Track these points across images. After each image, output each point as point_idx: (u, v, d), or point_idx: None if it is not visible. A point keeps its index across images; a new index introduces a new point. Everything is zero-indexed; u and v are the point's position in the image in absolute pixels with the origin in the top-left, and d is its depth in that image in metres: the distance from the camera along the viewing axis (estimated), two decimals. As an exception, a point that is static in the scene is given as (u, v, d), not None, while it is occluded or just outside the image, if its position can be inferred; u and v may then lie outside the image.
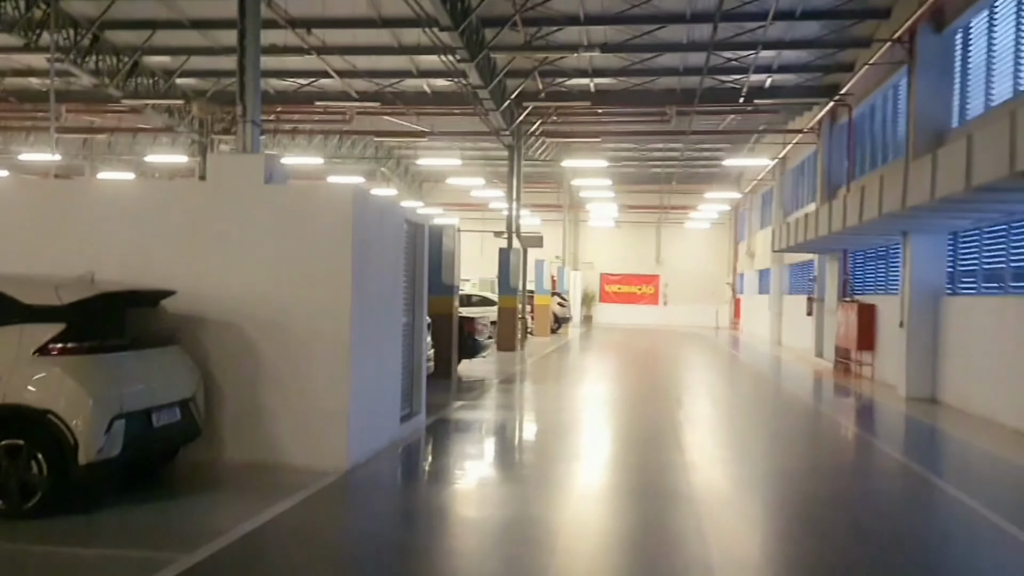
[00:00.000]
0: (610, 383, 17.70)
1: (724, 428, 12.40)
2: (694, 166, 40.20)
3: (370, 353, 9.09)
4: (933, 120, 15.95)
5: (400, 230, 10.20)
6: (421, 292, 11.16)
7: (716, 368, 22.25)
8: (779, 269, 32.43)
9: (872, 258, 20.66)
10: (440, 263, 16.40)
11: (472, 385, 15.98)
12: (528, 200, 42.92)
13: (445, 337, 16.27)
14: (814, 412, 14.60)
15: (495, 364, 20.46)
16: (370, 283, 9.06)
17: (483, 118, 24.35)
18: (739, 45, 20.69)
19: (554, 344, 28.79)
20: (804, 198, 29.29)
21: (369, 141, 34.58)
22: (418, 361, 11.11)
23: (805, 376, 20.52)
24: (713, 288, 48.29)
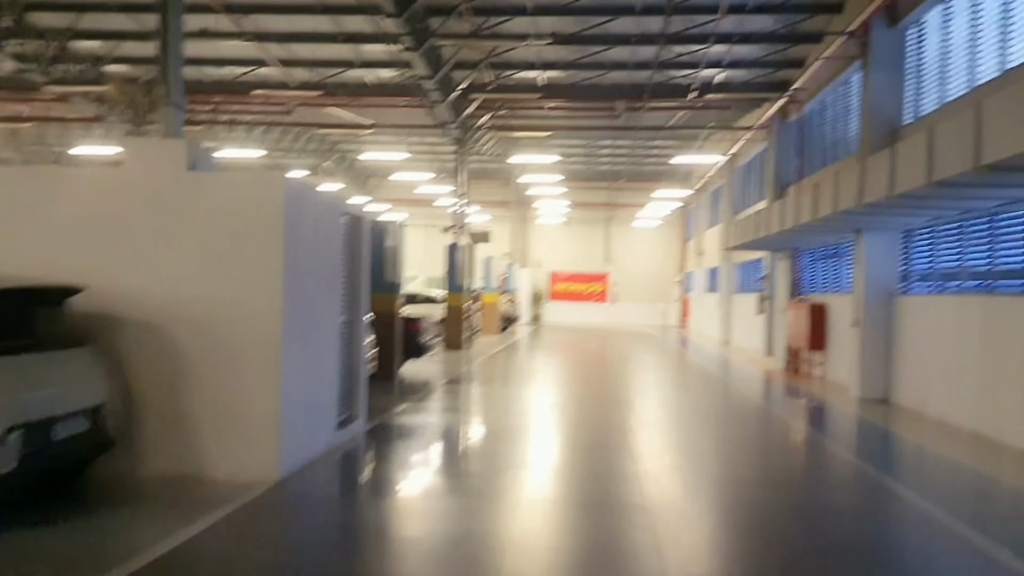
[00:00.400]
0: (559, 385, 17.21)
1: (677, 433, 11.96)
2: (643, 164, 39.99)
3: (304, 354, 8.45)
4: (887, 116, 15.73)
5: (338, 223, 9.55)
6: (361, 289, 10.52)
7: (666, 369, 21.91)
8: (728, 268, 32.31)
9: (823, 257, 20.48)
10: (383, 260, 15.75)
11: (416, 387, 15.36)
12: (476, 197, 42.37)
13: (388, 337, 15.62)
14: (768, 415, 14.26)
15: (441, 365, 19.85)
16: (304, 279, 8.41)
17: (429, 111, 23.72)
18: (689, 39, 20.37)
19: (502, 344, 28.26)
20: (754, 196, 29.16)
21: (312, 134, 33.67)
22: (357, 363, 10.47)
23: (756, 377, 20.26)
24: (662, 287, 48.24)
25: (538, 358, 23.39)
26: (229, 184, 8.08)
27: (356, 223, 10.44)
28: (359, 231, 10.50)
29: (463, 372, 18.55)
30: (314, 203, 8.71)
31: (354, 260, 10.43)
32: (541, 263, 48.52)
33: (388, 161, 37.74)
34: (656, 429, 12.04)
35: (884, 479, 8.99)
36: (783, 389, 17.81)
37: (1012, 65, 11.23)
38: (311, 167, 38.71)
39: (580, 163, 40.84)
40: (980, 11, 13.00)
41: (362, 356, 10.56)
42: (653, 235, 48.34)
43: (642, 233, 48.32)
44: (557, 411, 13.39)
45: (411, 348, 16.70)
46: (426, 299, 28.28)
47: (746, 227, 21.11)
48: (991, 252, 12.05)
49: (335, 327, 9.56)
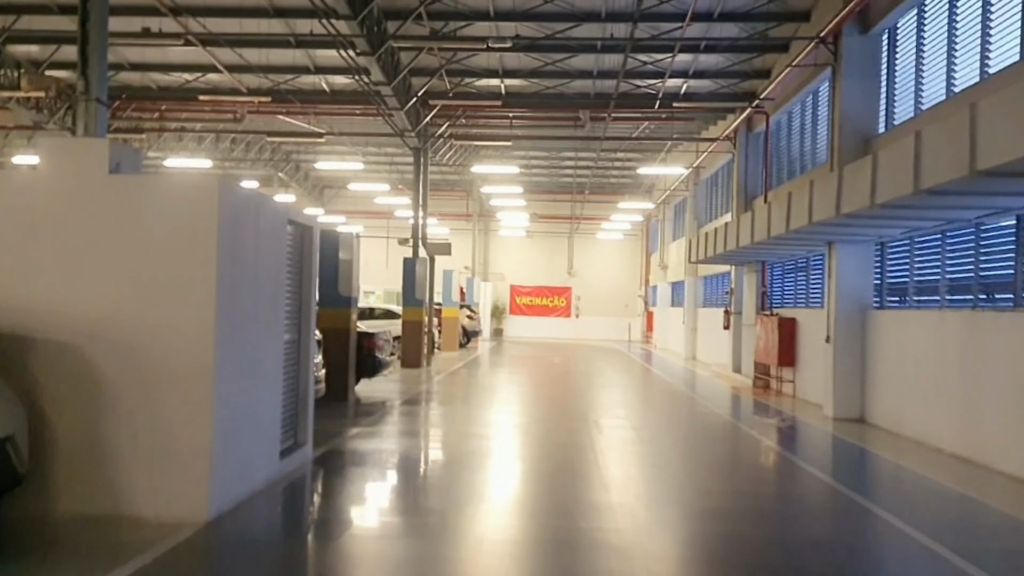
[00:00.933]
0: (523, 404, 16.44)
1: (648, 457, 11.25)
2: (607, 176, 39.51)
3: (241, 377, 7.60)
4: (859, 125, 15.25)
5: (282, 232, 8.72)
6: (309, 305, 9.68)
7: (633, 386, 21.23)
8: (693, 281, 31.82)
9: (791, 270, 19.99)
10: (336, 273, 14.92)
11: (371, 408, 14.50)
12: (436, 208, 41.61)
13: (341, 354, 14.78)
14: (741, 436, 13.61)
15: (399, 383, 19.00)
16: (242, 294, 7.57)
17: (387, 119, 22.93)
18: (655, 48, 19.85)
19: (463, 360, 27.44)
20: (719, 208, 28.72)
21: (264, 143, 32.73)
22: (304, 384, 9.62)
23: (725, 394, 19.66)
24: (626, 301, 47.72)
25: (501, 375, 22.61)
26: (156, 188, 7.23)
27: (304, 233, 9.62)
28: (308, 242, 9.68)
29: (422, 391, 17.72)
30: (255, 210, 7.89)
31: (302, 273, 9.61)
32: (504, 276, 47.78)
33: (344, 171, 36.94)
34: (626, 452, 11.32)
35: (870, 507, 8.34)
36: (754, 407, 17.21)
37: (1003, 66, 10.72)
38: (264, 178, 37.69)
39: (543, 175, 40.27)
40: (957, 15, 12.55)
41: (310, 377, 9.72)
42: (616, 248, 47.86)
43: (605, 246, 47.83)
44: (522, 433, 12.62)
45: (366, 366, 15.85)
46: (386, 313, 27.41)
47: (712, 240, 20.57)
48: (975, 264, 11.53)
49: (278, 347, 8.72)
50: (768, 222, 15.02)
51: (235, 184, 7.50)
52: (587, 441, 11.81)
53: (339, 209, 45.02)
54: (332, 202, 45.92)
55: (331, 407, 14.02)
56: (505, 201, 39.27)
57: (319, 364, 12.77)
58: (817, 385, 17.06)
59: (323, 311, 14.81)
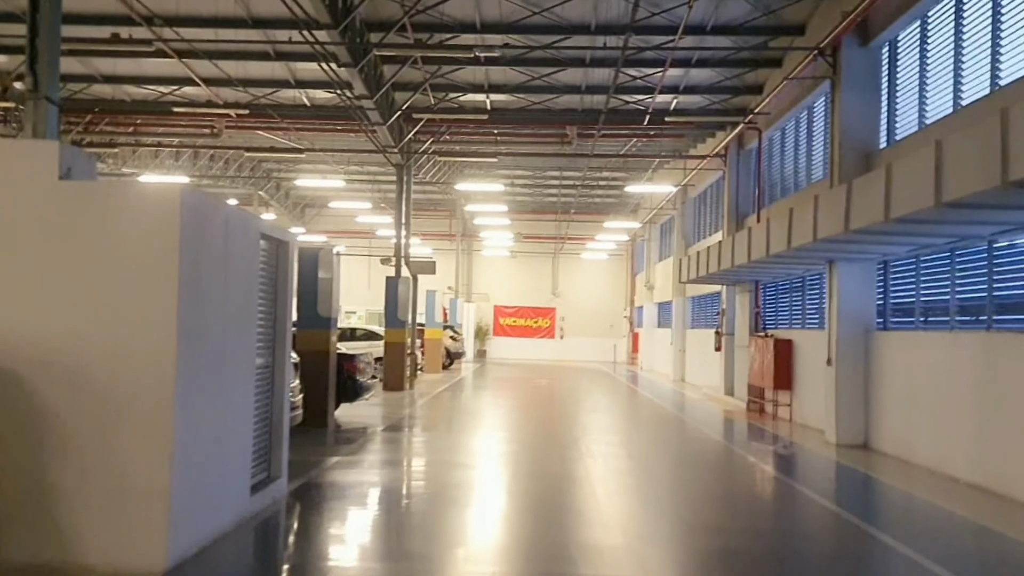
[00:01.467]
0: (511, 430, 15.70)
1: (649, 490, 10.54)
2: (592, 195, 38.97)
3: (206, 406, 6.86)
4: (860, 139, 14.71)
5: (255, 247, 8.00)
6: (284, 326, 8.94)
7: (623, 410, 20.52)
8: (681, 302, 31.23)
9: (786, 290, 19.40)
10: (315, 292, 14.18)
11: (352, 435, 13.72)
12: (419, 228, 40.95)
13: (320, 378, 14.00)
14: (745, 465, 12.93)
15: (381, 407, 18.22)
16: (208, 314, 6.85)
17: (369, 135, 22.26)
18: (646, 62, 19.31)
19: (447, 382, 26.66)
20: (708, 228, 28.18)
21: (244, 161, 31.99)
22: (279, 412, 8.87)
23: (720, 418, 18.99)
24: (611, 322, 47.09)
25: (486, 398, 21.86)
26: (111, 196, 6.50)
27: (279, 248, 8.90)
28: (283, 258, 8.96)
29: (405, 416, 16.95)
30: (223, 222, 7.17)
31: (276, 292, 8.88)
32: (488, 296, 47.04)
33: (325, 189, 36.20)
34: (624, 484, 10.61)
35: (891, 543, 7.67)
36: (751, 432, 16.54)
37: (1017, 77, 10.16)
38: (244, 196, 36.92)
39: (527, 194, 39.71)
40: (964, 26, 12.04)
41: (285, 404, 8.97)
42: (601, 268, 47.29)
43: (590, 266, 47.25)
44: (512, 462, 11.89)
45: (347, 390, 15.08)
46: (368, 334, 26.65)
47: (705, 259, 19.97)
48: (989, 284, 10.94)
49: (249, 372, 7.98)
50: (767, 240, 14.42)
51: (200, 193, 6.79)
52: (581, 471, 11.09)
53: (320, 228, 44.28)
54: (313, 221, 45.16)
55: (309, 434, 13.24)
56: (489, 220, 38.65)
57: (296, 389, 12.02)
58: (816, 409, 16.43)
59: (301, 332, 14.06)
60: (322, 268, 14.16)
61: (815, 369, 16.64)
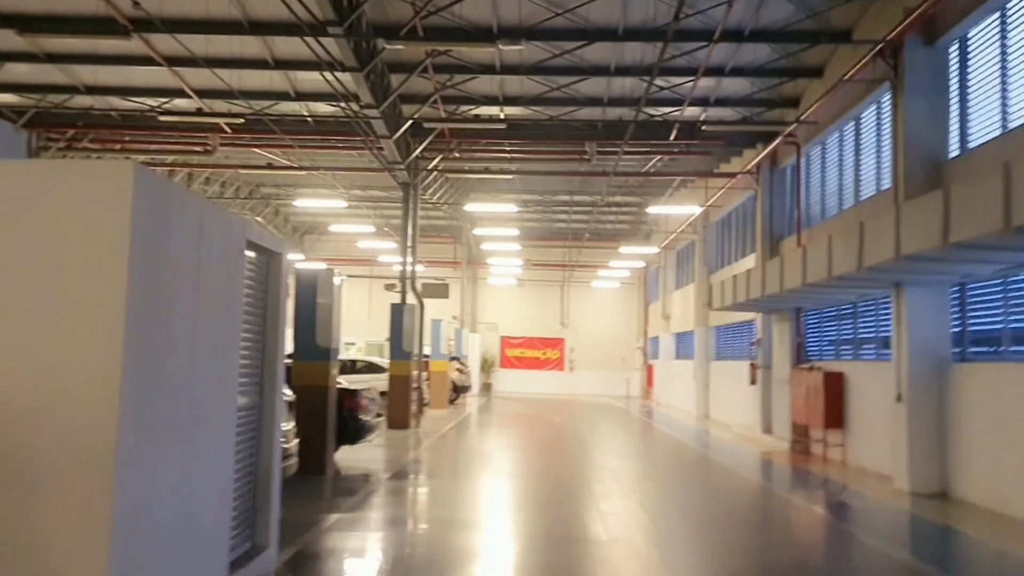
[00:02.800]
0: (527, 479, 13.89)
1: (696, 553, 8.76)
2: (604, 220, 37.38)
3: (164, 460, 5.13)
4: (927, 149, 13.10)
5: (238, 258, 6.30)
6: (275, 357, 7.23)
7: (649, 454, 18.67)
8: (704, 332, 29.48)
9: (832, 317, 17.69)
10: (314, 319, 12.48)
11: (353, 484, 11.94)
12: (423, 255, 39.39)
13: (318, 417, 12.27)
14: (803, 519, 11.14)
15: (384, 449, 16.45)
16: (170, 338, 5.14)
17: (374, 152, 20.67)
18: (675, 70, 17.75)
19: (454, 419, 24.86)
20: (733, 252, 26.52)
21: (241, 183, 30.44)
22: (267, 464, 7.13)
23: (760, 462, 17.18)
24: (623, 354, 45.25)
25: (497, 440, 20.04)
26: (39, 178, 4.82)
27: (270, 262, 7.22)
28: (275, 274, 7.27)
29: (411, 460, 15.15)
30: (195, 221, 5.49)
31: (266, 315, 7.18)
32: (496, 326, 45.21)
33: (325, 212, 34.57)
34: (668, 544, 8.83)
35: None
36: (803, 478, 14.75)
37: None
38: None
39: (535, 220, 38.15)
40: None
41: (275, 455, 7.23)
42: (612, 298, 45.57)
43: (601, 296, 45.52)
44: (536, 518, 10.11)
45: (348, 430, 13.33)
46: (369, 367, 24.89)
47: (740, 285, 18.28)
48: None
49: (228, 414, 6.25)
50: (829, 260, 12.70)
51: (163, 179, 5.11)
52: (613, 531, 9.31)
53: (320, 255, 42.68)
54: (313, 248, 43.59)
55: (305, 484, 11.48)
56: (498, 245, 37.01)
57: (290, 433, 10.28)
58: (875, 451, 14.67)
59: (297, 365, 12.36)
60: (321, 293, 12.47)
61: (873, 405, 14.91)
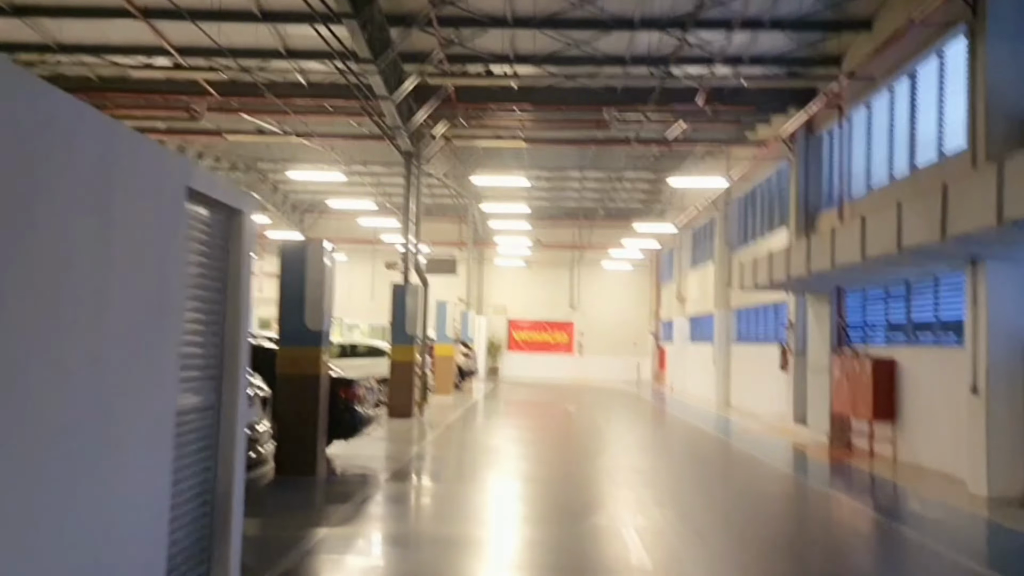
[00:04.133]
0: (548, 481, 12.26)
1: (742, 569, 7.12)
2: (615, 198, 35.63)
3: (51, 487, 3.48)
4: (1012, 103, 11.35)
5: (174, 212, 4.60)
6: (237, 344, 5.54)
7: (679, 448, 17.00)
8: (725, 315, 27.75)
9: (880, 298, 15.98)
10: (302, 300, 10.80)
11: (347, 488, 10.29)
12: (427, 236, 37.72)
13: (308, 410, 10.62)
14: (891, 537, 9.50)
15: (384, 443, 14.83)
16: (51, 313, 3.47)
17: (376, 120, 18.91)
18: (707, 22, 15.98)
19: (460, 406, 23.23)
20: (758, 229, 24.78)
21: (236, 158, 28.73)
22: (227, 480, 5.47)
23: (802, 458, 15.52)
24: (634, 337, 43.56)
25: (506, 431, 18.41)
26: None
27: (229, 221, 5.53)
28: (236, 238, 5.57)
29: (414, 457, 13.50)
30: (93, 150, 3.80)
31: (225, 289, 5.50)
32: (505, 308, 43.47)
33: (324, 185, 32.72)
34: (713, 555, 7.18)
35: None
36: (860, 481, 13.10)
37: None
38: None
39: (545, 199, 36.40)
40: None
41: (237, 465, 5.56)
42: (623, 280, 43.82)
43: (612, 277, 43.76)
44: (555, 544, 8.48)
45: (342, 423, 11.68)
46: (370, 351, 23.27)
47: (777, 263, 16.56)
48: None
49: (163, 420, 4.58)
50: (899, 230, 10.95)
51: (29, 76, 3.43)
52: (652, 538, 7.67)
53: (320, 235, 40.94)
54: (314, 227, 41.89)
55: (292, 487, 9.85)
56: (506, 223, 35.25)
57: (264, 435, 8.62)
58: (937, 448, 13.02)
59: (283, 351, 10.70)
60: (310, 269, 10.78)
61: (933, 396, 13.25)
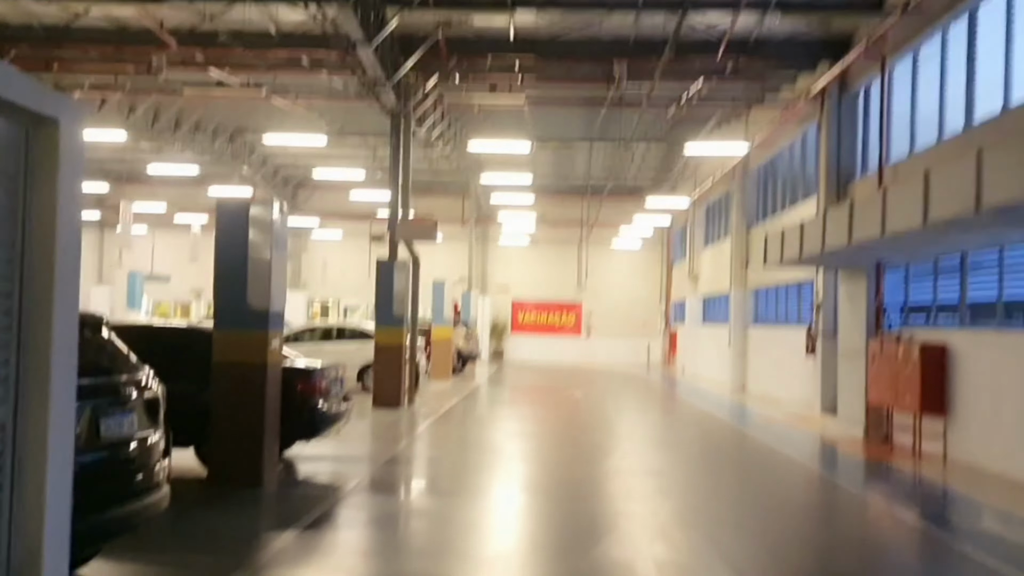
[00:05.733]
0: (557, 494, 10.32)
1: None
2: (624, 173, 33.58)
3: None
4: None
5: None
6: (48, 330, 3.62)
7: (702, 446, 14.97)
8: (741, 294, 25.76)
9: (925, 275, 13.99)
10: (244, 272, 8.88)
11: (300, 502, 8.41)
12: (427, 211, 35.75)
13: (251, 407, 8.72)
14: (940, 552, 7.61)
15: (365, 440, 12.97)
16: None
17: (357, 74, 16.91)
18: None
19: (458, 393, 21.35)
20: (781, 201, 22.75)
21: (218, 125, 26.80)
22: (28, 549, 3.57)
23: (838, 456, 13.62)
24: (644, 318, 41.56)
25: (506, 425, 16.55)
26: None
27: (33, 136, 3.59)
28: (37, 159, 3.64)
29: (393, 459, 11.58)
30: None
31: (27, 247, 3.58)
32: (507, 287, 41.46)
33: (307, 151, 30.39)
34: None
35: None
36: (903, 484, 11.19)
37: None
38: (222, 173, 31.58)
39: (550, 175, 34.35)
40: None
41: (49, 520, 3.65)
42: (633, 258, 41.76)
43: (621, 256, 41.68)
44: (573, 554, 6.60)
45: (301, 421, 9.76)
46: (357, 334, 21.28)
47: (806, 236, 14.56)
48: None
49: None
50: (977, 188, 8.90)
51: None
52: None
53: (314, 210, 39.09)
54: (307, 203, 40.00)
55: (224, 503, 7.99)
56: (509, 197, 33.21)
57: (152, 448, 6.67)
58: (1003, 448, 11.08)
59: (219, 335, 8.81)
60: (255, 231, 8.85)
61: (996, 388, 11.31)
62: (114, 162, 33.75)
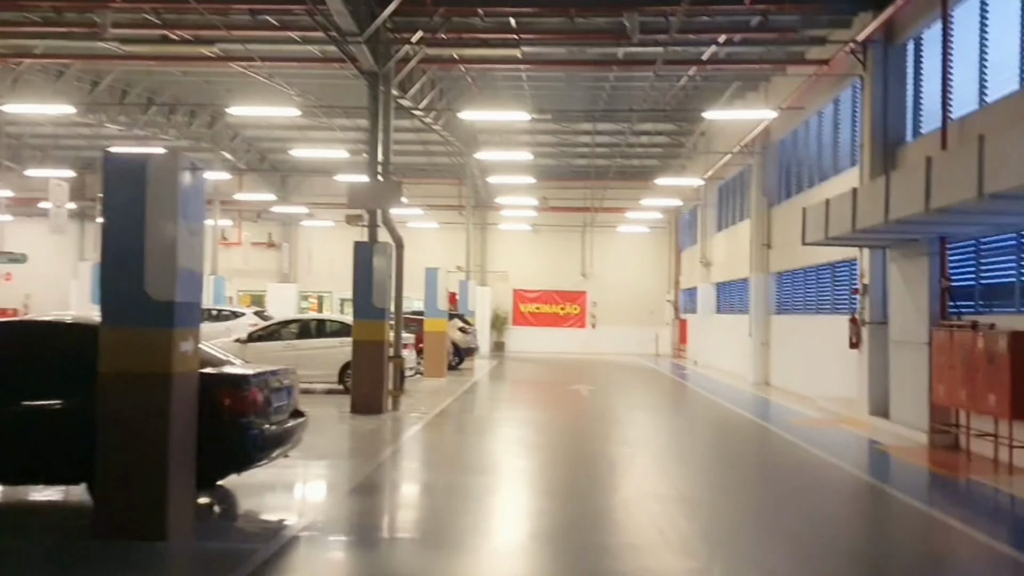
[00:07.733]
0: (551, 531, 8.11)
1: None
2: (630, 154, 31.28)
3: None
4: None
5: None
6: None
7: (732, 454, 12.80)
8: (763, 279, 23.42)
9: (1006, 250, 11.70)
10: (141, 248, 6.60)
11: (222, 564, 6.16)
12: (423, 198, 33.62)
13: (150, 431, 6.46)
14: None
15: (334, 459, 10.65)
16: None
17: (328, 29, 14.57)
18: None
19: (452, 393, 19.07)
20: (806, 178, 20.42)
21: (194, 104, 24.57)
22: None
23: (907, 470, 11.34)
24: (651, 307, 39.20)
25: (500, 430, 14.35)
26: None
27: None
28: None
29: (362, 487, 9.23)
30: None
31: None
32: (507, 276, 39.06)
33: (283, 125, 28.02)
34: None
35: None
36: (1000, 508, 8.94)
37: None
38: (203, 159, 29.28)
39: (552, 156, 32.06)
40: None
41: None
42: (640, 245, 39.37)
43: (627, 242, 39.26)
44: None
45: (230, 448, 7.47)
46: (340, 330, 18.92)
47: (860, 205, 12.24)
48: None
49: None
50: None
51: None
52: None
53: (304, 199, 36.89)
54: (297, 190, 37.79)
55: (111, 568, 5.76)
56: (508, 178, 30.88)
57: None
58: None
59: (106, 333, 6.54)
60: (154, 201, 6.56)
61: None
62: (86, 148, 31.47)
